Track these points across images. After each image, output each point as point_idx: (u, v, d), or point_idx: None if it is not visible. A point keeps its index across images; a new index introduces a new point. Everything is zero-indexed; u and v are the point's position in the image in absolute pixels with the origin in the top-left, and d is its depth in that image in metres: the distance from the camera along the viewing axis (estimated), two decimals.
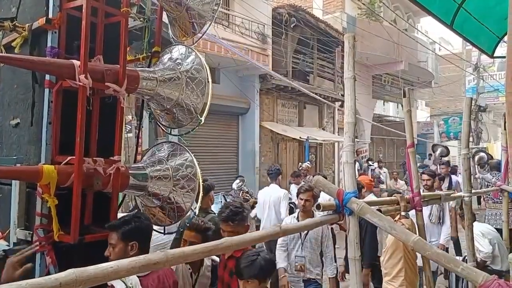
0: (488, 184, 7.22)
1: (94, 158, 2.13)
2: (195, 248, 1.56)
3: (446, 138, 21.87)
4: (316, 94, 14.86)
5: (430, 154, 17.69)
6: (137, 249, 2.07)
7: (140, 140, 5.15)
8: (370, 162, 15.41)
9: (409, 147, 3.14)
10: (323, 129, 16.44)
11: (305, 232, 4.02)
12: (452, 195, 4.40)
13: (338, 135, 16.51)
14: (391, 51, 16.33)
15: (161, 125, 2.75)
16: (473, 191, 4.23)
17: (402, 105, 3.28)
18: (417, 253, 3.60)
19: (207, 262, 3.07)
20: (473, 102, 18.50)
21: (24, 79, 2.30)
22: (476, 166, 10.71)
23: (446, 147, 14.39)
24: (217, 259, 3.17)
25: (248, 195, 10.06)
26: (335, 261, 4.29)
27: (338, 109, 15.99)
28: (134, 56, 2.76)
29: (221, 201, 7.34)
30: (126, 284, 2.04)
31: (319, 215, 3.29)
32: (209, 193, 4.00)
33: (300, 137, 13.53)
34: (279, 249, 4.24)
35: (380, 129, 18.80)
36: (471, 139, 17.14)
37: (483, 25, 4.07)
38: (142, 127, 4.57)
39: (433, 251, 2.06)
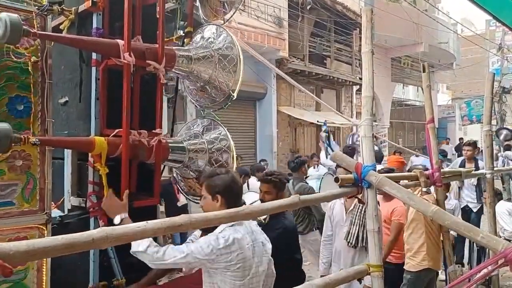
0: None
1: (139, 131, 2.35)
2: (217, 214, 1.67)
3: (468, 122, 21.67)
4: (333, 77, 14.95)
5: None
6: None
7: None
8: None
9: (428, 123, 3.15)
10: (341, 113, 16.52)
11: None
12: (472, 172, 4.39)
13: (356, 119, 16.56)
14: (411, 32, 16.21)
15: (194, 102, 2.96)
16: (495, 168, 4.16)
17: (422, 88, 3.27)
18: None
19: None
20: (496, 83, 18.26)
21: (70, 60, 2.53)
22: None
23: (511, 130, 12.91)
24: None
25: None
26: None
27: (356, 93, 16.02)
28: (167, 37, 2.95)
29: None
30: None
31: None
32: None
33: (317, 121, 13.64)
34: None
35: (399, 113, 18.76)
36: (494, 121, 16.95)
37: None
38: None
39: (452, 220, 2.07)
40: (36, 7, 2.29)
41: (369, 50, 2.27)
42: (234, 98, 2.71)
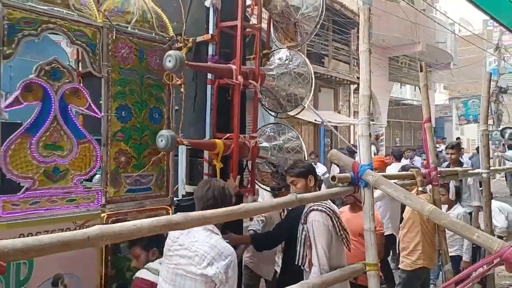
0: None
1: (244, 135, 3.30)
2: (214, 212, 1.85)
3: (465, 121, 23.17)
4: (331, 76, 15.93)
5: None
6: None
7: None
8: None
9: (425, 122, 3.36)
10: (339, 112, 17.56)
11: None
12: (470, 171, 4.49)
13: (354, 118, 17.63)
14: (409, 32, 17.33)
15: (267, 110, 3.92)
16: (491, 168, 4.42)
17: (419, 88, 3.56)
18: None
19: None
20: (493, 83, 19.69)
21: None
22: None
23: None
24: None
25: None
26: None
27: (353, 92, 17.10)
28: (248, 57, 3.87)
29: None
30: None
31: None
32: None
33: (315, 120, 14.57)
34: None
35: (397, 112, 19.92)
36: (490, 121, 18.38)
37: None
38: None
39: (449, 220, 2.24)
40: (167, 38, 3.22)
41: (366, 49, 2.45)
42: (306, 109, 3.68)
